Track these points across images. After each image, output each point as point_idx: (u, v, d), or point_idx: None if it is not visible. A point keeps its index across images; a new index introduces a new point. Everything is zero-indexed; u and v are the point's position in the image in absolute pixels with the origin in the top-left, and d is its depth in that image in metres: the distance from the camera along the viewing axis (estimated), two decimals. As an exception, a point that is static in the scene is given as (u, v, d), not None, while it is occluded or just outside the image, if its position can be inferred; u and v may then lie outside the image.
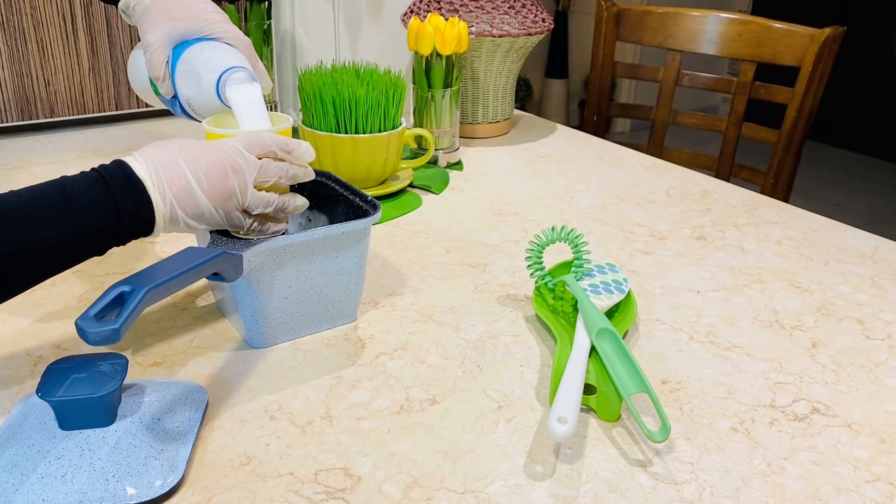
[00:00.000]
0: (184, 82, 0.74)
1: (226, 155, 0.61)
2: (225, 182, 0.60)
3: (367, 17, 1.33)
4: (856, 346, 0.72)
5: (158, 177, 0.58)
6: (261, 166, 0.62)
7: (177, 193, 0.59)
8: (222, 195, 0.60)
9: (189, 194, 0.59)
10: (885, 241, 0.94)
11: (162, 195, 0.58)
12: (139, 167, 0.58)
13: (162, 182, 0.58)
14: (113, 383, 0.53)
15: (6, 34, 1.15)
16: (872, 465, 0.57)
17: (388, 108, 0.97)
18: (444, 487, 0.54)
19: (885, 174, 3.79)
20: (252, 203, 0.62)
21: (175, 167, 0.59)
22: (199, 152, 0.60)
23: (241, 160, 0.61)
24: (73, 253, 0.57)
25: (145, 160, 0.59)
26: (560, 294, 0.76)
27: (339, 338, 0.71)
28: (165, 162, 0.59)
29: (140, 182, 0.58)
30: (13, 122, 1.20)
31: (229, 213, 0.62)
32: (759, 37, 1.37)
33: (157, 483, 0.52)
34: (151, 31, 0.74)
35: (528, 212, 1.00)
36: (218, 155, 0.60)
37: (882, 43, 3.79)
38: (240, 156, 0.61)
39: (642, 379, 0.60)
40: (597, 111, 1.58)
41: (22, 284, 0.56)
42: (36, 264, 0.55)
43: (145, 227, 0.59)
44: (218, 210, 0.61)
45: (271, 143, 0.64)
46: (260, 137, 0.64)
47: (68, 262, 0.57)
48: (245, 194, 0.61)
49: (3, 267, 0.53)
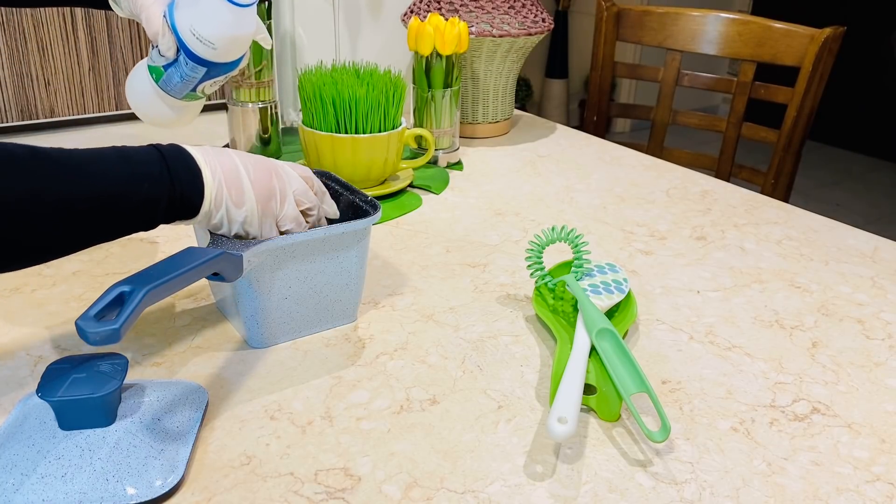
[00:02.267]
0: (183, 15, 0.72)
1: (273, 162, 0.65)
2: (269, 181, 0.63)
3: (367, 17, 1.33)
4: (856, 346, 0.72)
5: (209, 157, 0.61)
6: (302, 186, 0.66)
7: (226, 173, 0.61)
8: (265, 192, 0.63)
9: (236, 177, 0.61)
10: (885, 241, 0.94)
11: (213, 171, 0.60)
12: (191, 148, 0.61)
13: (213, 160, 0.61)
14: (113, 383, 0.53)
15: (6, 34, 1.15)
16: (872, 465, 0.57)
17: (388, 108, 0.97)
18: (444, 487, 0.54)
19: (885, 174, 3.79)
20: (287, 214, 0.65)
21: (225, 154, 0.62)
22: (248, 154, 0.64)
23: (284, 172, 0.65)
24: (125, 216, 0.57)
25: (196, 147, 0.61)
26: (560, 294, 0.76)
27: (339, 338, 0.71)
28: (215, 150, 0.62)
29: (192, 157, 0.60)
30: (13, 122, 1.20)
31: (266, 216, 0.63)
32: (759, 37, 1.37)
33: (157, 483, 0.52)
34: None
35: (528, 212, 1.00)
36: (266, 160, 0.65)
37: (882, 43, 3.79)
38: (283, 168, 0.65)
39: (642, 379, 0.60)
40: (597, 111, 1.58)
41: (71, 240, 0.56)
42: (87, 219, 0.55)
43: (195, 199, 0.59)
44: (258, 205, 0.62)
45: (311, 174, 0.68)
46: (301, 167, 0.68)
47: (119, 226, 0.57)
48: (284, 201, 0.64)
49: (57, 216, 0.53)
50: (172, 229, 0.91)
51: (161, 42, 0.74)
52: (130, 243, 0.87)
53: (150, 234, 0.90)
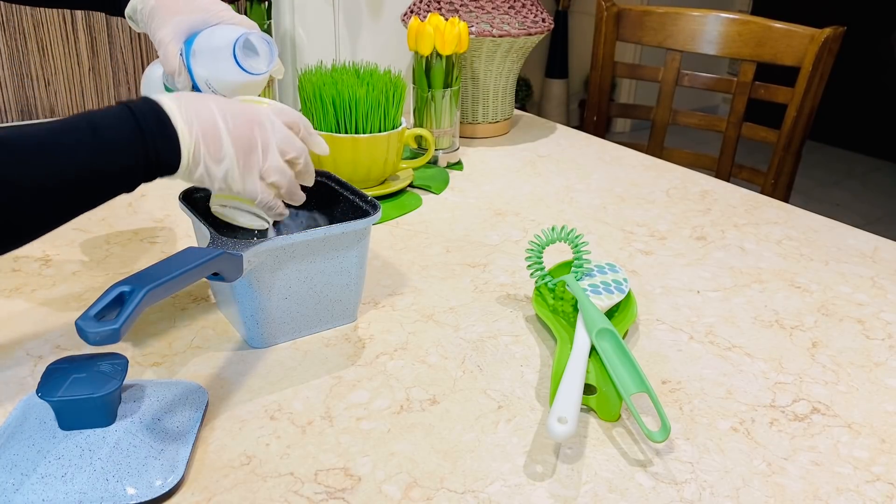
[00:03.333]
0: (200, 65, 0.74)
1: (254, 111, 0.62)
2: (251, 132, 0.61)
3: (367, 17, 1.33)
4: (856, 346, 0.72)
5: (187, 109, 0.59)
6: (285, 134, 0.63)
7: (204, 128, 0.59)
8: (246, 144, 0.61)
9: (215, 132, 0.59)
10: (885, 241, 0.94)
11: (189, 127, 0.58)
12: (168, 102, 0.59)
13: (191, 115, 0.59)
14: (113, 383, 0.53)
15: (6, 34, 1.15)
16: (872, 465, 0.57)
17: (388, 108, 0.97)
18: (444, 487, 0.54)
19: (885, 174, 3.79)
20: (271, 166, 0.62)
21: (204, 105, 0.60)
22: (230, 103, 0.62)
23: (267, 121, 0.63)
24: (101, 188, 0.56)
25: (176, 97, 0.59)
26: (560, 294, 0.76)
27: (339, 338, 0.71)
28: (195, 100, 0.60)
29: (168, 116, 0.58)
30: (13, 121, 1.20)
31: (249, 170, 0.61)
32: (759, 37, 1.37)
33: (157, 483, 0.52)
34: (161, 28, 0.75)
35: (528, 212, 1.00)
36: (247, 108, 0.62)
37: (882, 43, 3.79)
38: (267, 117, 0.63)
39: (642, 379, 0.60)
40: (597, 111, 1.58)
41: (51, 219, 0.55)
42: (63, 198, 0.55)
43: (172, 162, 0.58)
44: (239, 159, 0.60)
45: (298, 116, 0.65)
46: (289, 108, 0.65)
47: (97, 197, 0.57)
48: (267, 153, 0.62)
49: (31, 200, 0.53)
50: (172, 230, 0.91)
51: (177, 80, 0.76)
52: (130, 243, 0.87)
53: (150, 234, 0.90)
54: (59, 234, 0.86)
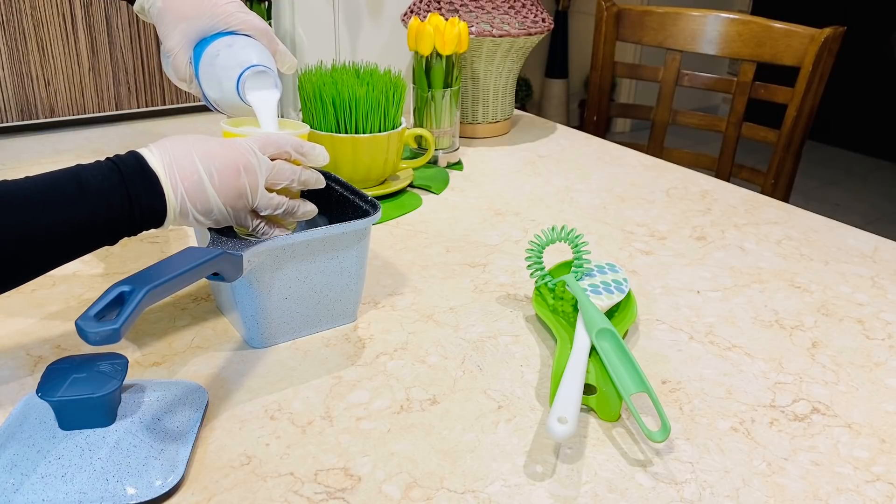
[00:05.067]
0: (208, 86, 0.74)
1: (240, 154, 0.62)
2: (237, 181, 0.61)
3: (367, 17, 1.33)
4: (856, 346, 0.72)
5: (172, 170, 0.59)
6: (273, 168, 0.63)
7: (188, 188, 0.59)
8: (233, 193, 0.61)
9: (200, 189, 0.60)
10: (885, 241, 0.94)
11: (174, 188, 0.59)
12: (154, 159, 0.59)
13: (175, 175, 0.59)
14: (113, 383, 0.53)
15: (6, 34, 1.15)
16: (872, 465, 0.57)
17: (388, 108, 0.97)
18: (444, 487, 0.54)
19: (885, 174, 3.79)
20: (261, 204, 0.63)
21: (188, 162, 0.60)
22: (214, 149, 0.61)
23: (254, 160, 0.62)
24: (85, 241, 0.57)
25: (160, 152, 0.60)
26: (560, 294, 0.76)
27: (339, 338, 0.71)
28: (179, 156, 0.60)
29: (153, 174, 0.59)
30: (13, 122, 1.20)
31: (238, 212, 0.62)
32: (759, 37, 1.37)
33: (157, 483, 0.52)
34: (169, 36, 0.74)
35: (528, 212, 1.00)
36: (232, 153, 0.61)
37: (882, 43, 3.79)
38: (253, 156, 0.62)
39: (642, 379, 0.60)
40: (597, 111, 1.58)
41: (34, 269, 0.57)
42: (48, 250, 0.56)
43: (157, 218, 0.59)
44: (227, 207, 0.61)
45: (286, 144, 0.65)
46: (275, 138, 0.65)
47: (80, 249, 0.58)
48: (255, 194, 0.62)
49: (16, 251, 0.54)
50: (173, 230, 0.91)
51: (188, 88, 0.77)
52: (130, 243, 0.87)
53: (151, 234, 0.90)
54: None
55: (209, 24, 0.74)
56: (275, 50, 0.76)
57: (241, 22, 0.75)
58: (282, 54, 0.78)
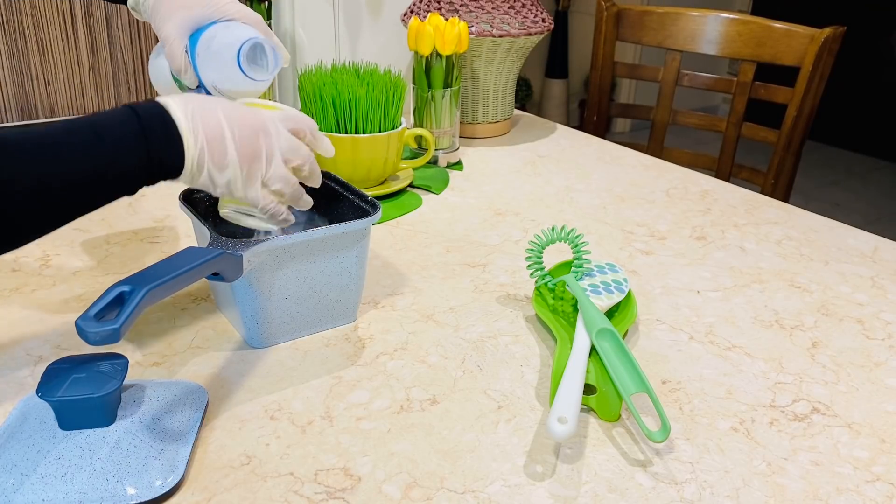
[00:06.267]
0: (205, 67, 0.74)
1: (261, 120, 0.62)
2: (256, 141, 0.61)
3: (367, 17, 1.33)
4: (856, 346, 0.72)
5: (194, 117, 0.59)
6: (291, 141, 0.64)
7: (209, 136, 0.59)
8: (250, 152, 0.61)
9: (220, 140, 0.59)
10: (885, 241, 0.94)
11: (195, 137, 0.58)
12: (174, 106, 0.58)
13: (197, 122, 0.59)
14: (113, 383, 0.53)
15: (6, 34, 1.15)
16: (872, 465, 0.57)
17: (388, 108, 0.97)
18: (444, 487, 0.54)
19: (885, 174, 3.79)
20: (275, 174, 0.62)
21: (211, 113, 0.60)
22: (237, 109, 0.62)
23: (273, 129, 0.62)
24: (102, 190, 0.56)
25: (183, 102, 0.59)
26: (560, 294, 0.76)
27: (339, 338, 0.71)
28: (202, 106, 0.60)
29: (173, 122, 0.58)
30: (13, 122, 1.20)
31: (252, 178, 0.61)
32: (759, 37, 1.37)
33: (157, 483, 0.52)
34: (165, 24, 0.74)
35: (528, 212, 1.00)
36: (254, 116, 0.62)
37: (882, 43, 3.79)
38: (273, 125, 0.63)
39: (642, 379, 0.60)
40: (597, 111, 1.58)
41: (51, 219, 0.55)
42: (64, 198, 0.55)
43: (175, 167, 0.58)
44: (242, 167, 0.60)
45: (304, 122, 0.65)
46: (295, 113, 0.65)
47: (97, 199, 0.57)
48: (271, 160, 0.62)
49: (32, 199, 0.53)
50: (172, 229, 0.91)
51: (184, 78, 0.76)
52: (130, 243, 0.87)
53: (150, 234, 0.90)
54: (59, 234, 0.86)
55: (205, 14, 0.74)
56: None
57: (236, 12, 0.75)
58: (277, 47, 0.78)
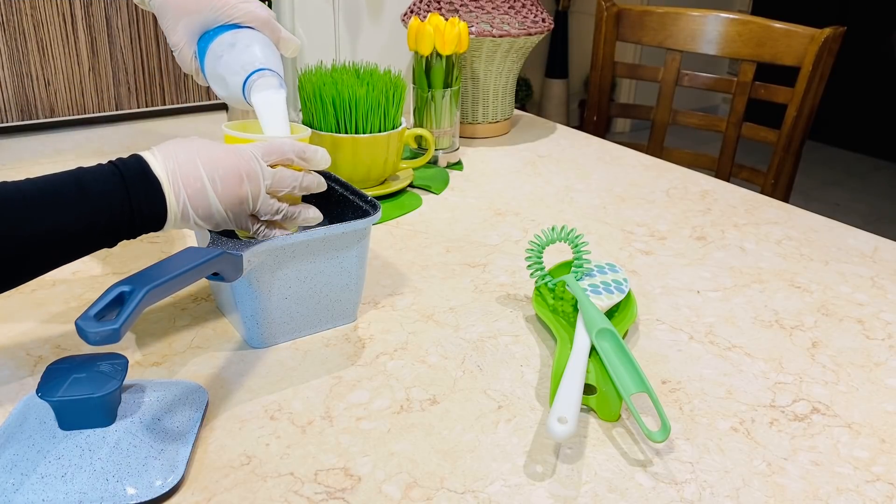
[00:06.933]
0: (214, 84, 0.75)
1: (243, 161, 0.62)
2: (239, 188, 0.61)
3: (367, 17, 1.33)
4: (856, 346, 0.72)
5: (175, 175, 0.59)
6: (275, 175, 0.64)
7: (191, 194, 0.60)
8: (234, 200, 0.61)
9: (202, 196, 0.60)
10: (885, 241, 0.94)
11: (176, 194, 0.59)
12: (157, 164, 0.59)
13: (178, 181, 0.59)
14: (113, 383, 0.53)
15: (6, 34, 1.15)
16: (872, 465, 0.57)
17: (388, 108, 0.97)
18: (444, 487, 0.54)
19: (885, 174, 3.79)
20: (262, 209, 0.64)
21: (192, 167, 0.60)
22: (218, 155, 0.61)
23: (256, 167, 0.62)
24: (85, 243, 0.58)
25: (164, 157, 0.60)
26: (560, 294, 0.76)
27: (339, 338, 0.71)
28: (183, 161, 0.60)
29: (156, 179, 0.59)
30: (13, 122, 1.20)
31: (238, 217, 0.63)
32: (759, 37, 1.37)
33: (157, 483, 0.52)
34: (172, 31, 0.75)
35: (528, 212, 1.00)
36: (235, 160, 0.62)
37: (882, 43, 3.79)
38: (255, 163, 0.63)
39: (642, 379, 0.60)
40: (597, 111, 1.58)
41: (33, 271, 0.57)
42: (48, 251, 0.56)
43: (157, 222, 0.60)
44: (228, 213, 0.62)
45: (288, 150, 0.65)
46: (277, 145, 0.65)
47: (79, 251, 0.58)
48: (257, 200, 0.63)
49: (15, 252, 0.54)
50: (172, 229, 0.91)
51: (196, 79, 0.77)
52: (131, 243, 0.87)
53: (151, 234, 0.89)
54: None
55: (211, 17, 0.74)
56: (277, 38, 0.77)
57: (243, 13, 0.75)
58: (285, 41, 0.78)
